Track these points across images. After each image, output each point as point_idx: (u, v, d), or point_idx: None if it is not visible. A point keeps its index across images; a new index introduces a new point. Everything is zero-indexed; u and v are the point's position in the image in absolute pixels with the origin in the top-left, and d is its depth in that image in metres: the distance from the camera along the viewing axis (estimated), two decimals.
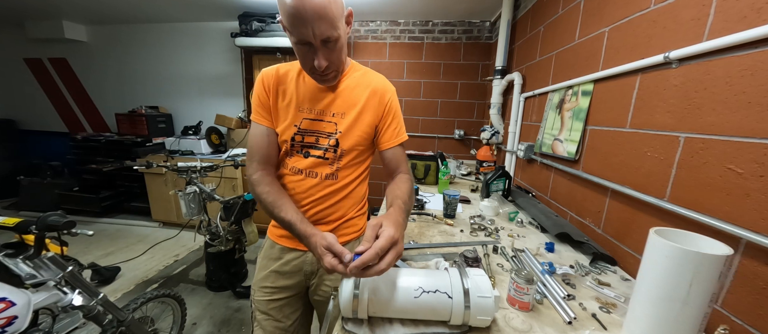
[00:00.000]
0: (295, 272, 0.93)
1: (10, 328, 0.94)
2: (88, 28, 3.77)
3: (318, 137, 0.85)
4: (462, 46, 3.05)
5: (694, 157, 0.77)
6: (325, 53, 0.72)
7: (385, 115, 0.89)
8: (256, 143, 0.85)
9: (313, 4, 0.64)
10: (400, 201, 0.75)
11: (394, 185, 0.85)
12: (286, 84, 0.85)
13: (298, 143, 0.86)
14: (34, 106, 4.24)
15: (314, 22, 0.66)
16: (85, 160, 3.57)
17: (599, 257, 0.99)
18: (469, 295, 0.60)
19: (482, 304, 0.60)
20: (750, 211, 0.64)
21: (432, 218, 1.35)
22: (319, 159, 0.86)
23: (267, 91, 0.85)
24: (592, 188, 1.20)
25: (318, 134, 0.85)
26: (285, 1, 0.65)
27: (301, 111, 0.85)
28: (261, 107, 0.86)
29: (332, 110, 0.85)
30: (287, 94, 0.85)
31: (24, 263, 1.01)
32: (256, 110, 0.86)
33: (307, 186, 0.87)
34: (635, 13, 1.01)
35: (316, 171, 0.86)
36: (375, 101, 0.87)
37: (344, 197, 0.91)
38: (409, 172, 0.91)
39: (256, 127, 0.86)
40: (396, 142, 0.89)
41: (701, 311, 0.57)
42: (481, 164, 2.39)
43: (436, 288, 0.62)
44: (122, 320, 1.19)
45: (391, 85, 0.92)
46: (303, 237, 0.73)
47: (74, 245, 2.81)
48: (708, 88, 0.74)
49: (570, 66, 1.45)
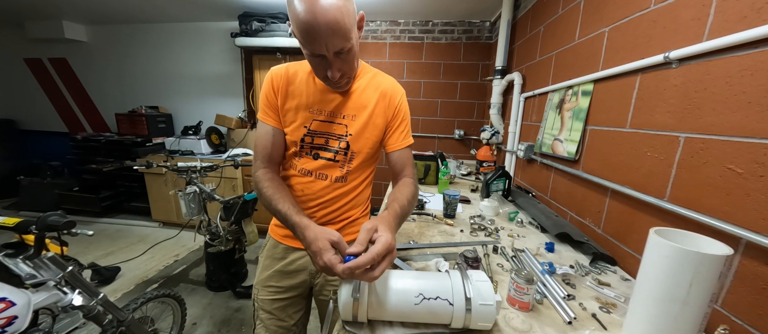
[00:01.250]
0: (300, 271, 0.93)
1: (10, 328, 0.94)
2: (88, 28, 3.77)
3: (328, 139, 0.85)
4: (462, 46, 3.05)
5: (694, 157, 0.77)
6: (338, 64, 0.71)
7: (395, 117, 0.88)
8: (262, 142, 0.85)
9: (327, 19, 0.61)
10: (398, 205, 0.74)
11: (397, 189, 0.85)
12: (295, 84, 0.84)
13: (308, 145, 0.85)
14: (34, 106, 4.23)
15: (328, 37, 0.64)
16: (85, 160, 3.56)
17: (599, 257, 0.99)
18: (470, 302, 0.59)
19: (484, 311, 0.59)
20: (750, 211, 0.64)
21: (432, 218, 1.35)
22: (330, 161, 0.85)
23: (276, 91, 0.84)
24: (592, 188, 1.20)
25: (328, 136, 0.85)
26: (298, 16, 0.62)
27: (312, 112, 0.84)
28: (268, 106, 0.84)
29: (343, 112, 0.85)
30: (297, 95, 0.84)
31: (24, 263, 1.01)
32: (263, 109, 0.85)
33: (317, 188, 0.86)
34: (635, 13, 1.01)
35: (325, 173, 0.86)
36: (385, 103, 0.87)
37: (352, 199, 0.91)
38: (415, 176, 0.91)
39: (263, 126, 0.85)
40: (403, 144, 0.89)
41: (701, 311, 0.56)
42: (481, 164, 2.39)
43: (437, 295, 0.61)
44: (122, 320, 1.19)
45: (401, 87, 0.93)
46: (296, 227, 0.69)
47: (74, 245, 2.81)
48: (708, 88, 0.74)
49: (570, 66, 1.45)
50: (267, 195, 0.77)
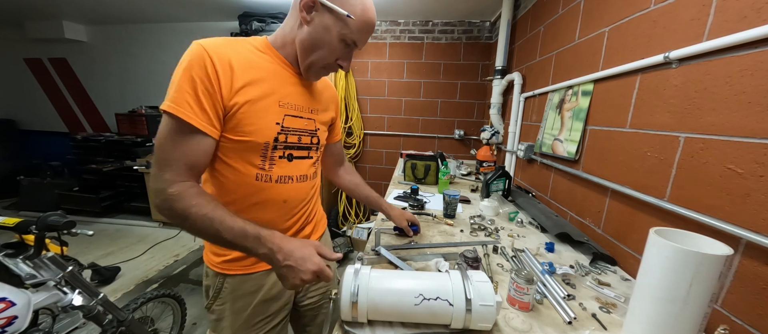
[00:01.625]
0: (284, 290, 0.85)
1: (10, 328, 0.94)
2: (88, 28, 3.77)
3: (300, 136, 0.77)
4: (462, 46, 3.05)
5: (694, 157, 0.77)
6: None
7: (336, 109, 0.95)
8: (186, 150, 0.60)
9: (374, 21, 0.71)
10: (372, 190, 1.05)
11: (355, 176, 1.10)
12: (254, 70, 0.67)
13: (282, 144, 0.73)
14: (34, 106, 4.24)
15: (370, 35, 0.72)
16: (85, 160, 3.57)
17: (599, 257, 0.99)
18: (471, 302, 0.59)
19: (484, 312, 0.60)
20: (750, 211, 0.64)
21: (432, 218, 1.35)
22: (305, 160, 0.80)
23: (217, 77, 0.61)
24: (592, 188, 1.20)
25: (300, 133, 0.77)
26: (366, 15, 0.68)
27: (282, 106, 0.71)
28: (204, 99, 0.60)
29: (310, 106, 0.80)
30: (259, 82, 0.67)
31: (24, 263, 1.01)
32: (191, 104, 0.59)
33: (302, 193, 0.81)
34: (635, 13, 1.01)
35: (305, 174, 0.81)
36: (332, 95, 0.92)
37: (317, 193, 0.93)
38: None
39: (187, 127, 0.59)
40: (341, 135, 0.94)
41: (701, 311, 0.57)
42: (481, 164, 2.39)
43: (437, 295, 0.61)
44: (122, 320, 1.19)
45: None
46: (265, 239, 0.59)
47: (74, 245, 2.80)
48: (708, 88, 0.74)
49: (570, 66, 1.45)
50: (203, 214, 0.58)
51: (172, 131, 0.60)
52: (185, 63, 0.60)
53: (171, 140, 0.60)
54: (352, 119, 3.24)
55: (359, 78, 3.25)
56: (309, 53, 0.70)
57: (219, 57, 0.61)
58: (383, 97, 3.25)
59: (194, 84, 0.60)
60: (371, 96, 3.27)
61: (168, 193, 0.58)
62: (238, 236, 0.59)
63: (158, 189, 0.59)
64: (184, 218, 0.59)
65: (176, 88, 0.59)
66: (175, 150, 0.60)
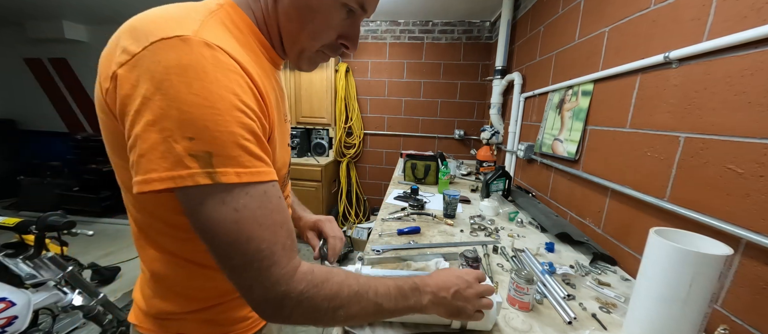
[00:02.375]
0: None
1: (10, 328, 0.94)
2: (88, 28, 3.77)
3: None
4: (462, 46, 3.05)
5: (694, 157, 0.77)
6: None
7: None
8: (280, 218, 0.41)
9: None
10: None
11: None
12: (263, 81, 0.44)
13: (288, 166, 0.61)
14: (34, 106, 4.24)
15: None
16: (85, 160, 3.57)
17: (599, 257, 0.99)
18: None
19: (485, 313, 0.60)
20: (750, 211, 0.64)
21: (432, 218, 1.35)
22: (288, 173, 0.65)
23: (262, 104, 0.42)
24: (592, 188, 1.20)
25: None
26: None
27: (286, 121, 0.58)
28: (257, 144, 0.39)
29: (285, 109, 0.60)
30: (271, 94, 0.47)
31: (24, 263, 1.02)
32: (253, 150, 0.38)
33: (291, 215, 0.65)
34: (635, 13, 1.01)
35: (288, 191, 0.69)
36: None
37: None
38: None
39: (271, 188, 0.40)
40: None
41: (701, 311, 0.57)
42: (481, 164, 2.39)
43: None
44: (122, 320, 1.19)
45: None
46: (416, 289, 0.51)
47: (74, 245, 2.80)
48: (708, 88, 0.74)
49: (570, 66, 1.45)
50: (354, 292, 0.44)
51: (254, 204, 0.38)
52: (215, 90, 0.35)
53: (260, 218, 0.38)
54: (352, 119, 3.24)
55: (359, 78, 3.25)
56: (298, 30, 0.47)
57: (250, 76, 0.40)
58: (383, 97, 3.26)
59: (242, 120, 0.37)
60: (371, 96, 3.28)
61: (298, 291, 0.40)
62: (399, 298, 0.48)
63: (276, 297, 0.39)
64: (332, 310, 0.42)
65: (227, 135, 0.35)
66: (272, 228, 0.39)
